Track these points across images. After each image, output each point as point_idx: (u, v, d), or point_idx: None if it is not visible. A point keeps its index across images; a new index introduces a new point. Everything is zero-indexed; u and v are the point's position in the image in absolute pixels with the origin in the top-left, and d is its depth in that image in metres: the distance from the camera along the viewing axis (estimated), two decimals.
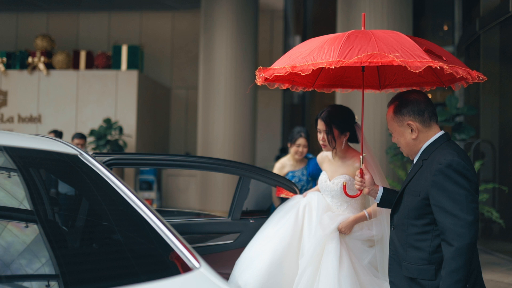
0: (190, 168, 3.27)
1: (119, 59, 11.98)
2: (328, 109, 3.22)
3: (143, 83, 12.10)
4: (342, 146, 3.20)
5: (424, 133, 2.36)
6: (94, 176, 1.91)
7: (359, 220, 3.13)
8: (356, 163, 3.15)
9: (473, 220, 2.13)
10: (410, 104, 2.35)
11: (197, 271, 1.45)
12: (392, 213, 2.50)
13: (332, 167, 3.27)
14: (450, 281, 2.12)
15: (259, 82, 2.74)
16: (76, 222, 1.73)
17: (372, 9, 8.43)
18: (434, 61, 2.19)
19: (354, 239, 3.12)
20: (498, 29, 8.10)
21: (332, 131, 3.17)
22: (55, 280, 1.33)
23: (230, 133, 10.76)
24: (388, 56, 2.17)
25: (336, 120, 3.16)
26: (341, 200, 3.19)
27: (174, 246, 1.53)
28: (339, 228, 3.09)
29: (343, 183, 3.01)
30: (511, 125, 7.80)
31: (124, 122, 11.54)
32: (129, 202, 1.75)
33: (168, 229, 1.62)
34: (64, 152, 2.08)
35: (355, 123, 3.23)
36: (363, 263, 3.06)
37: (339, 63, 2.20)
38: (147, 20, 14.45)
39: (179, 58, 14.41)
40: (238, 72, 10.86)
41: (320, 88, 3.21)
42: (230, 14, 10.86)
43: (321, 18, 14.12)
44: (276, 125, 14.33)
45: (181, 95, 14.44)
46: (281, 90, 14.54)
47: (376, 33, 2.38)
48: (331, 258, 2.99)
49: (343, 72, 3.05)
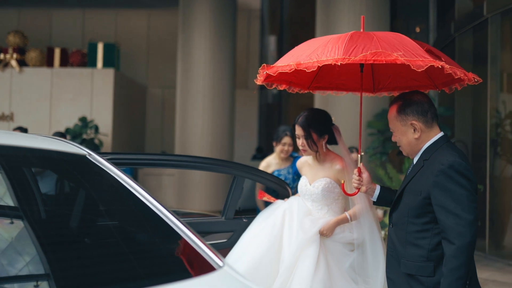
0: (186, 168, 3.27)
1: (95, 57, 11.81)
2: (305, 114, 3.24)
3: (119, 81, 11.97)
4: (323, 149, 3.21)
5: (426, 133, 2.42)
6: (107, 177, 1.90)
7: (341, 222, 3.14)
8: (336, 165, 3.18)
9: (473, 220, 2.21)
10: (414, 104, 2.40)
11: (222, 270, 1.47)
12: (391, 211, 2.56)
13: (312, 171, 3.27)
14: (451, 278, 2.19)
15: (259, 81, 2.76)
16: (96, 224, 1.72)
17: (351, 10, 8.55)
18: (435, 60, 2.24)
19: (335, 242, 3.12)
20: (473, 33, 8.32)
21: (311, 136, 3.18)
22: (89, 278, 1.33)
23: (208, 132, 10.75)
24: (392, 54, 2.22)
25: (313, 124, 3.18)
26: (322, 203, 3.20)
27: (196, 246, 1.54)
28: (321, 230, 3.09)
29: (342, 182, 3.03)
30: (484, 125, 8.02)
31: (100, 121, 11.38)
32: (146, 203, 1.76)
33: (189, 229, 1.63)
34: (73, 153, 2.06)
35: (332, 125, 3.25)
36: (344, 266, 3.07)
37: (344, 60, 2.23)
38: (123, 18, 14.29)
39: (155, 57, 14.31)
40: (216, 71, 10.86)
41: (315, 90, 3.23)
42: (209, 13, 10.84)
43: (298, 17, 14.22)
44: (252, 124, 14.37)
45: (157, 94, 14.34)
46: (257, 89, 14.58)
47: (377, 34, 2.43)
48: (307, 262, 2.99)
49: (339, 75, 3.09)
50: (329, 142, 3.25)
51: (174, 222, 1.65)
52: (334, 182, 3.17)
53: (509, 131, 7.87)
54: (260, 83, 2.79)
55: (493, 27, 7.77)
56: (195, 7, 10.89)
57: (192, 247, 1.54)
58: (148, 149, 14.03)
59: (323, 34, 8.91)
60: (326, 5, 8.91)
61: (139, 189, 1.83)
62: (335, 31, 8.64)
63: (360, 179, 2.69)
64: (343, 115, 8.31)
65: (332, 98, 8.37)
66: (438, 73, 2.64)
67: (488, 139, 7.90)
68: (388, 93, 3.16)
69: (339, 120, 8.02)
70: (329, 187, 3.16)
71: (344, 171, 3.14)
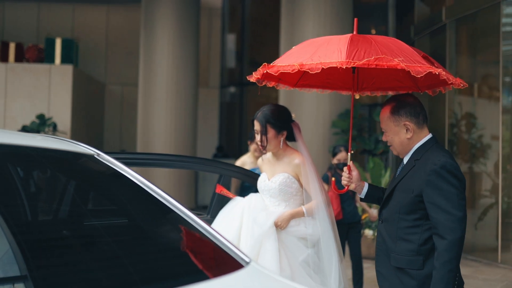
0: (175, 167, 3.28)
1: (52, 52, 11.49)
2: (264, 109, 3.24)
3: (77, 78, 11.69)
4: (281, 145, 3.20)
5: (417, 134, 2.55)
6: (120, 176, 1.91)
7: (296, 215, 3.13)
8: (294, 160, 3.18)
9: (463, 216, 2.35)
10: (408, 106, 2.53)
11: (250, 266, 1.51)
12: (381, 208, 2.67)
13: (271, 167, 3.27)
14: (444, 271, 2.32)
15: (253, 78, 2.79)
16: (121, 223, 1.73)
17: (316, 10, 8.71)
18: (432, 67, 2.36)
19: (289, 235, 3.12)
20: (432, 37, 8.67)
21: (267, 132, 3.18)
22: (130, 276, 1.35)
23: (171, 130, 10.68)
24: (393, 60, 2.32)
25: (271, 120, 3.17)
26: (279, 199, 3.19)
27: (221, 244, 1.58)
28: (275, 222, 3.09)
29: (333, 179, 3.08)
30: (442, 126, 8.37)
31: (58, 119, 11.09)
32: (165, 202, 1.78)
33: (211, 228, 1.67)
34: (82, 152, 2.06)
35: (292, 121, 3.25)
36: (298, 260, 3.09)
37: (349, 64, 2.30)
38: (80, 13, 13.95)
39: (114, 53, 14.05)
40: (180, 69, 10.80)
41: (302, 88, 3.26)
42: (172, 11, 10.76)
43: (259, 16, 14.32)
44: (213, 123, 14.37)
45: (116, 91, 14.09)
46: (218, 88, 14.58)
47: (375, 38, 2.51)
48: (269, 256, 3.01)
49: (327, 74, 3.13)
50: (288, 139, 3.25)
51: (196, 221, 1.68)
52: (292, 177, 3.16)
53: (464, 131, 8.26)
54: (253, 80, 2.83)
55: (451, 32, 8.13)
56: (158, 4, 10.79)
57: (218, 245, 1.57)
58: (106, 147, 13.77)
59: (287, 33, 9.04)
60: (291, 5, 9.04)
61: (155, 188, 1.85)
62: (300, 31, 8.79)
63: (350, 176, 2.80)
64: (308, 113, 8.47)
65: (298, 96, 8.51)
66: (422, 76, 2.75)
67: (446, 139, 8.26)
68: (371, 93, 3.22)
69: (303, 118, 8.19)
70: (286, 182, 3.15)
71: (302, 166, 3.14)
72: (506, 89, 7.20)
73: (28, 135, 2.05)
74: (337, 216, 4.70)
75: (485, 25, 7.67)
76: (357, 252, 4.98)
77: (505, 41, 7.14)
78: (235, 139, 14.20)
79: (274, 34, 10.82)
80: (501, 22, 7.11)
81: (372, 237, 6.88)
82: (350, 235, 4.97)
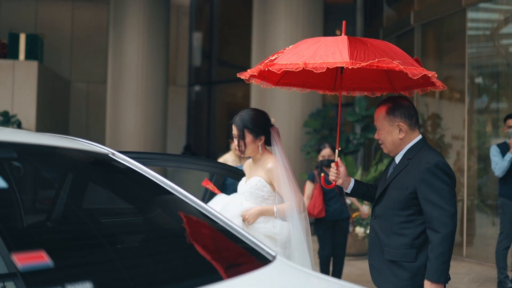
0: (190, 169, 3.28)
1: (16, 48, 11.18)
2: (242, 114, 3.22)
3: (43, 74, 11.43)
4: (259, 150, 3.19)
5: (409, 135, 2.69)
6: (137, 175, 1.94)
7: (266, 212, 3.12)
8: (267, 163, 3.18)
9: (454, 212, 2.51)
10: (403, 108, 2.67)
11: (278, 261, 1.58)
12: (375, 205, 2.80)
13: (250, 171, 3.29)
14: (438, 263, 2.47)
15: (245, 75, 2.85)
16: (144, 222, 1.75)
17: (288, 10, 8.84)
18: (425, 69, 2.50)
19: (256, 232, 3.09)
20: (400, 40, 8.94)
21: (245, 137, 3.16)
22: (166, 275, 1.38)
23: (141, 129, 10.60)
24: (392, 62, 2.44)
25: (249, 125, 3.16)
26: (251, 202, 3.17)
27: (248, 241, 1.64)
28: (243, 215, 3.08)
29: (322, 175, 3.15)
30: None
31: (23, 116, 10.83)
32: (186, 200, 1.82)
33: (234, 224, 1.73)
34: (96, 152, 2.08)
35: (271, 126, 3.24)
36: None
37: (354, 64, 2.39)
38: (44, 8, 13.62)
39: (80, 50, 13.80)
40: (150, 67, 10.72)
41: (282, 86, 3.29)
42: (141, 8, 10.67)
43: (227, 15, 14.35)
44: (181, 121, 14.31)
45: (81, 88, 13.83)
46: (186, 86, 14.54)
47: (370, 41, 2.62)
48: None
49: (308, 74, 3.13)
50: (266, 143, 3.23)
51: (220, 219, 1.73)
52: (264, 181, 3.14)
53: (430, 131, 8.56)
54: (244, 77, 2.89)
55: (418, 35, 8.42)
56: (128, 2, 10.67)
57: (245, 242, 1.63)
58: None
59: (259, 32, 9.13)
60: (262, 5, 9.13)
61: (175, 186, 1.89)
62: (272, 31, 8.90)
63: (338, 172, 2.91)
64: (280, 113, 8.58)
65: (269, 97, 8.61)
66: (400, 77, 2.89)
67: None
68: (347, 93, 3.31)
69: (276, 118, 8.28)
70: (257, 185, 3.14)
71: (274, 170, 3.12)
72: (471, 90, 7.53)
73: (42, 135, 2.06)
74: (320, 213, 4.80)
75: (451, 30, 7.99)
76: (340, 249, 4.97)
77: (470, 45, 7.46)
78: (203, 138, 14.20)
79: (242, 33, 10.90)
80: (467, 26, 7.42)
81: (363, 235, 7.01)
82: (336, 232, 4.96)
